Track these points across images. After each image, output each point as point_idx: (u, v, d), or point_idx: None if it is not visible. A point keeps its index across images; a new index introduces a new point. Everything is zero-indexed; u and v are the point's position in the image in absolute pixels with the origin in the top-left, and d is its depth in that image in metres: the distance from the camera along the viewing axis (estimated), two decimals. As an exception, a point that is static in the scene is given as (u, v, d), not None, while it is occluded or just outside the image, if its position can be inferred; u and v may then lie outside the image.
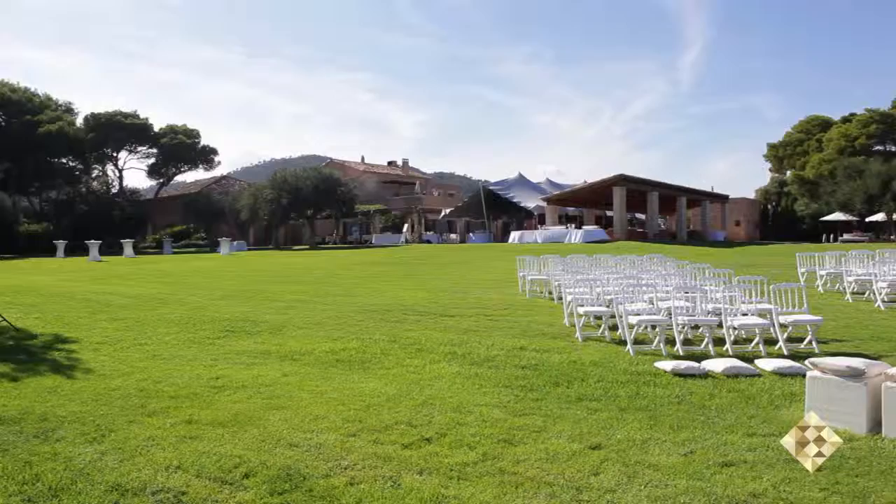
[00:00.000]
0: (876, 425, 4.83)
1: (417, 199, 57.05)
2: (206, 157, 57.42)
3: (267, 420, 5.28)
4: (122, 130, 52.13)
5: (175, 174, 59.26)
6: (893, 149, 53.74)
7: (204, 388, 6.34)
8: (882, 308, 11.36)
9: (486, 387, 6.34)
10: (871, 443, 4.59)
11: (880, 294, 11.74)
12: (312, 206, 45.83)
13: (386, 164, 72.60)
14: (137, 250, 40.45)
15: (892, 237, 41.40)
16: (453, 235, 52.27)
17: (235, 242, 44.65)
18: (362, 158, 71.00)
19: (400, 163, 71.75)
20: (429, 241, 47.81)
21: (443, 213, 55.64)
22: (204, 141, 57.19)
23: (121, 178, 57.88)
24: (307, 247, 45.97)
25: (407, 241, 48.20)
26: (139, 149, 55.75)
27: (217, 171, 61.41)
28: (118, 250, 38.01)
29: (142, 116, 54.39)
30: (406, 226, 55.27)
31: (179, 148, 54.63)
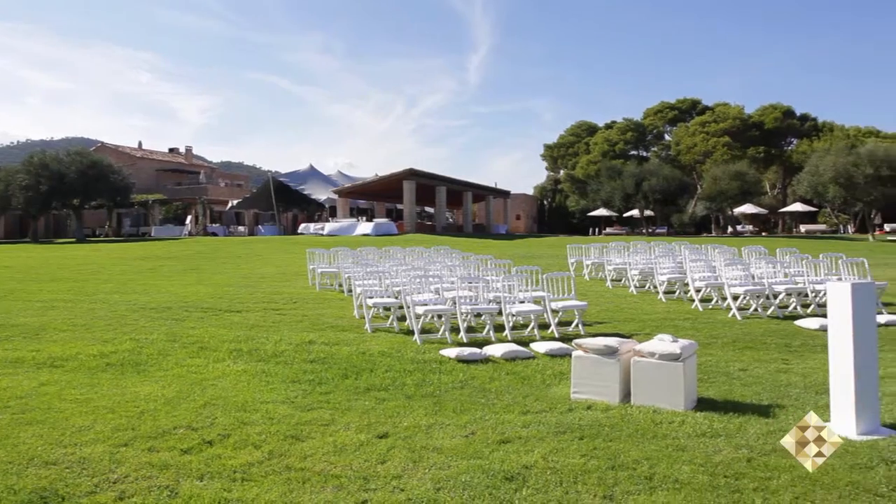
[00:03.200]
0: (626, 395, 5.50)
1: (202, 189, 53.65)
2: (-60, 135, 49.06)
3: (17, 438, 4.65)
4: None
5: None
6: (644, 153, 61.82)
7: (-65, 404, 5.42)
8: (634, 293, 12.95)
9: (274, 383, 6.18)
10: (622, 411, 5.20)
11: (633, 280, 13.38)
12: (80, 194, 41.10)
13: (167, 150, 67.46)
14: None
15: (643, 231, 47.33)
16: (241, 228, 50.10)
17: (-19, 235, 38.83)
18: (140, 144, 65.28)
19: (183, 150, 66.99)
20: (214, 234, 45.23)
21: (230, 205, 53.02)
22: (-63, 116, 48.86)
23: None
24: (74, 240, 41.25)
25: (190, 234, 45.27)
26: None
27: (-44, 152, 52.78)
28: None
29: None
30: (189, 217, 51.80)
31: None
